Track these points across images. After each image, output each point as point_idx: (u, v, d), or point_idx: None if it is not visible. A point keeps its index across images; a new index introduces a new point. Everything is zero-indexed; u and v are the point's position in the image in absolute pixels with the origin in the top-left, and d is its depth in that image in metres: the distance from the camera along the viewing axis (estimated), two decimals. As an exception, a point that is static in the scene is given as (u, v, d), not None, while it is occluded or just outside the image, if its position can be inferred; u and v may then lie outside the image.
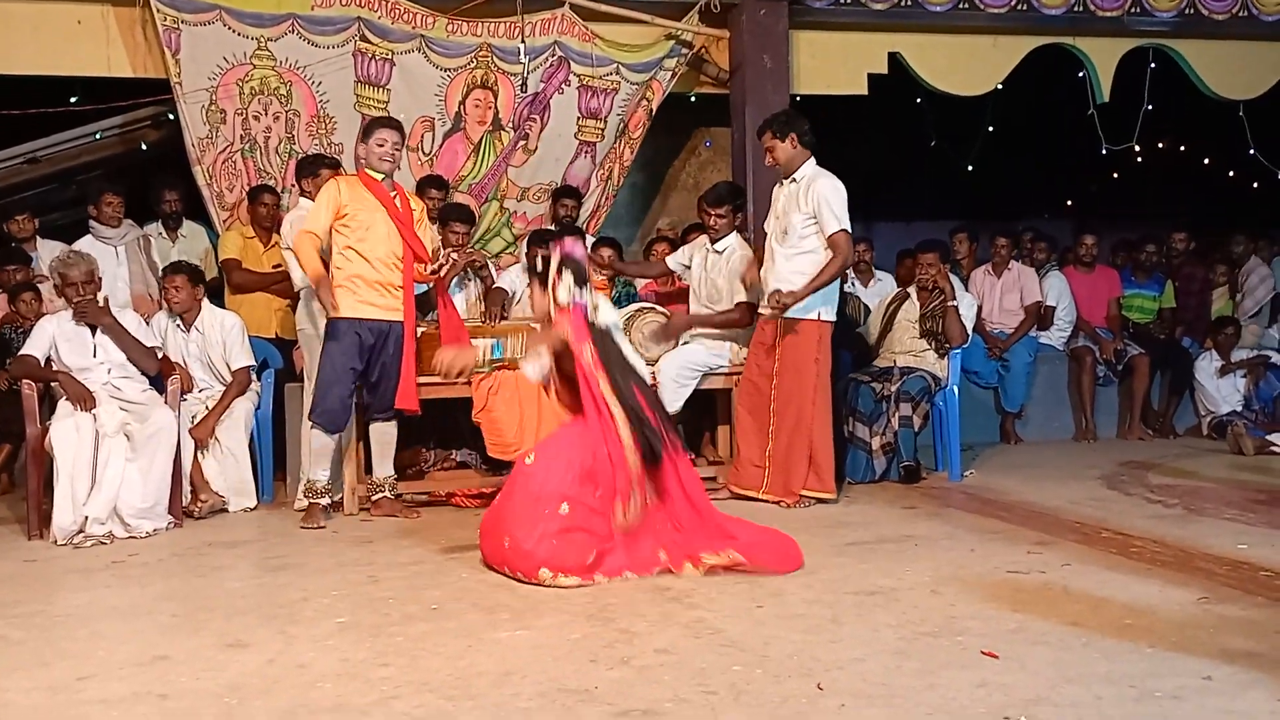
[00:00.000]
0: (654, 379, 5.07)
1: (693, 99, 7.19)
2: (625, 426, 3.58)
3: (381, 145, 4.58)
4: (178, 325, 5.21)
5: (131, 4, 5.87)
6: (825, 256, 4.70)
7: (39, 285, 5.63)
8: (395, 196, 4.65)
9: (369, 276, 4.57)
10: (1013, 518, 4.46)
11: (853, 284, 6.68)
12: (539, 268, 3.93)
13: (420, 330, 4.82)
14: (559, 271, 3.76)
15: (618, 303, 5.64)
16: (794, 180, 4.79)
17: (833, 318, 4.84)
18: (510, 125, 6.45)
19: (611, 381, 3.64)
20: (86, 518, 4.36)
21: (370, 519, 4.75)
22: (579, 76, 6.49)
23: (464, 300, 5.63)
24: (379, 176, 4.62)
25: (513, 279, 5.69)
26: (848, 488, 5.21)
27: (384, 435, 4.79)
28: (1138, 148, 7.93)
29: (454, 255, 5.17)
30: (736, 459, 5.02)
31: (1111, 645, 2.77)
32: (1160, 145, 10.60)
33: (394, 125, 4.72)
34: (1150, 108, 7.49)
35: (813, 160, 4.81)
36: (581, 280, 3.76)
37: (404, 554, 4.04)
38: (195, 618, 3.28)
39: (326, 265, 4.61)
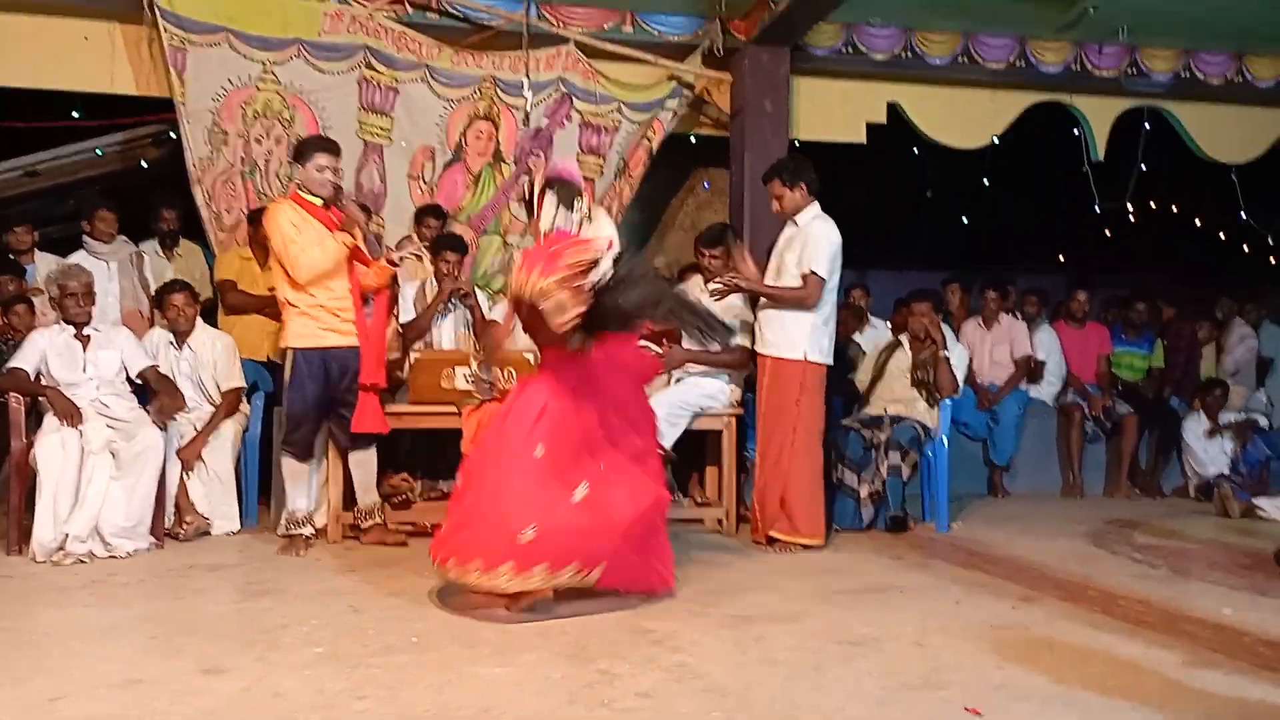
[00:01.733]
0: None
1: (693, 140, 7.25)
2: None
3: (322, 171, 4.48)
4: (170, 343, 5.19)
5: (138, 22, 5.91)
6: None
7: (33, 298, 5.61)
8: (333, 216, 4.57)
9: (330, 305, 4.53)
10: (999, 571, 4.45)
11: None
12: (526, 195, 3.71)
13: (414, 356, 4.80)
14: (541, 195, 3.58)
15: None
16: (794, 224, 4.83)
17: (822, 360, 4.79)
18: (512, 159, 6.49)
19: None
20: (67, 535, 4.33)
21: (355, 547, 4.71)
22: (580, 113, 6.54)
23: (451, 330, 5.61)
24: (317, 201, 4.53)
25: (506, 312, 5.68)
26: (834, 534, 5.19)
27: (364, 463, 4.74)
28: (1130, 206, 8.02)
29: (410, 248, 5.11)
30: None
31: (1095, 704, 2.75)
32: (1152, 204, 10.73)
33: (334, 150, 4.61)
34: (1144, 168, 7.58)
35: (816, 205, 4.84)
36: (569, 202, 3.59)
37: (387, 584, 4.01)
38: (173, 640, 3.24)
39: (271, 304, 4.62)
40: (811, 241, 4.69)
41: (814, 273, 4.67)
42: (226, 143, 6.04)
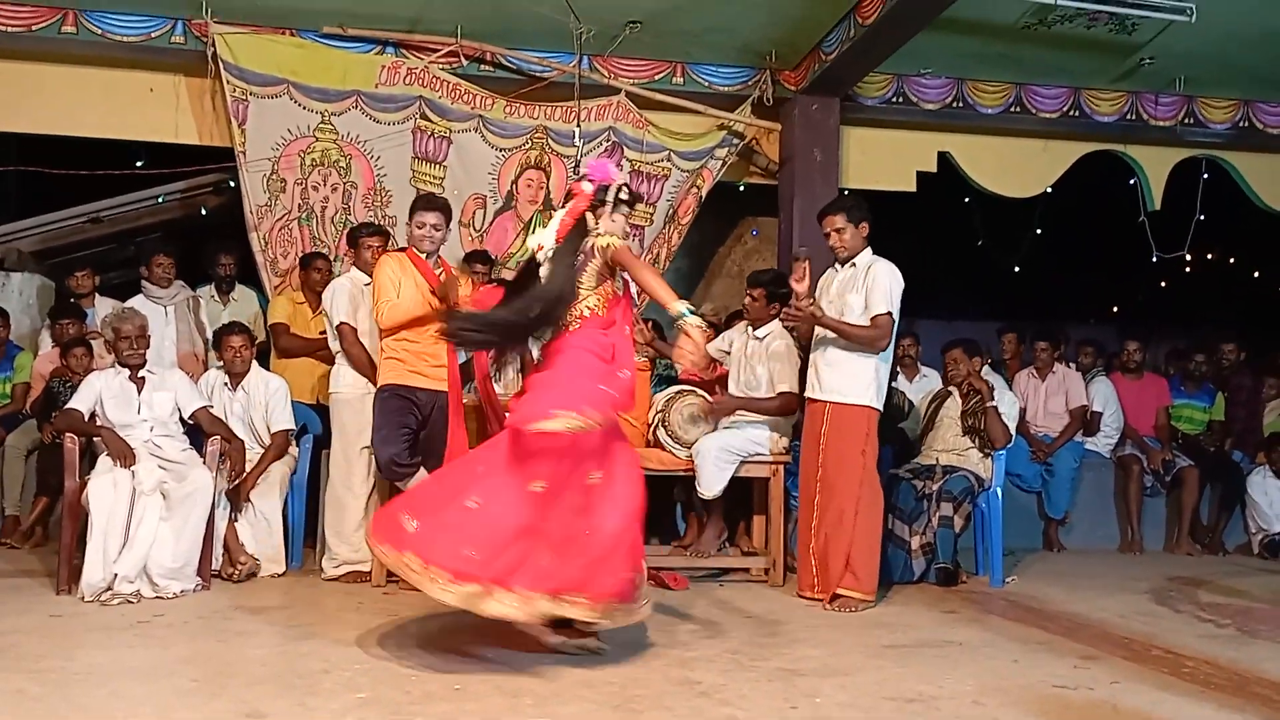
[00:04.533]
0: (691, 462, 5.02)
1: (741, 188, 7.27)
2: None
3: (421, 228, 4.74)
4: (225, 384, 5.25)
5: (203, 74, 6.08)
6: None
7: (91, 341, 5.73)
8: (441, 273, 4.78)
9: (416, 350, 4.69)
10: (1057, 628, 4.30)
11: (895, 378, 6.59)
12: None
13: (465, 401, 4.82)
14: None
15: (659, 384, 5.61)
16: (853, 265, 4.75)
17: (880, 408, 4.69)
18: (560, 206, 6.53)
19: None
20: (116, 575, 4.34)
21: (395, 592, 4.67)
22: (631, 161, 6.59)
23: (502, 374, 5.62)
24: (423, 255, 4.77)
25: None
26: (884, 587, 5.06)
27: None
28: (1188, 256, 7.87)
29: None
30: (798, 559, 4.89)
31: (1164, 771, 2.63)
32: (1210, 256, 10.53)
33: (435, 207, 4.79)
34: (1202, 217, 7.45)
35: (870, 249, 4.78)
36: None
37: (430, 629, 3.97)
38: (214, 683, 3.22)
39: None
40: (880, 282, 4.60)
41: (887, 313, 4.57)
42: (284, 190, 6.16)
